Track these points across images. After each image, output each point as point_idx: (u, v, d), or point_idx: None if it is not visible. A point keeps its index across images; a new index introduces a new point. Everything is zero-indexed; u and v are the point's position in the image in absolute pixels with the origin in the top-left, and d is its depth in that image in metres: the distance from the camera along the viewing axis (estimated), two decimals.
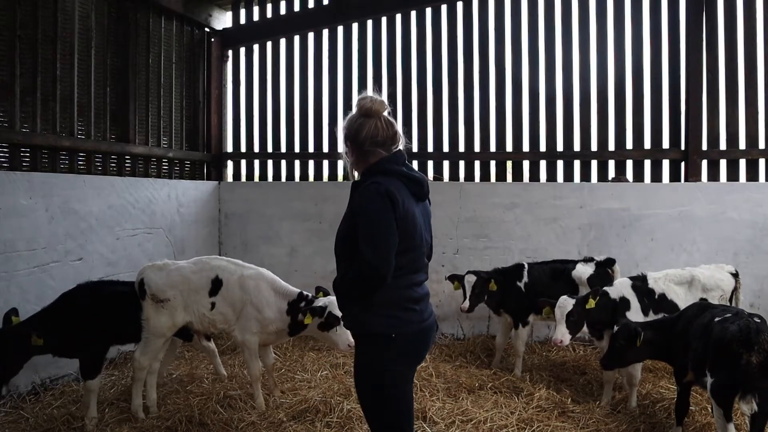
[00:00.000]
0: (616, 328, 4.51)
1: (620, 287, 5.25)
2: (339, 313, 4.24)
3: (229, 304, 4.87)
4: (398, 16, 8.07)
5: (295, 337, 6.91)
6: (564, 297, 5.05)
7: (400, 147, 2.99)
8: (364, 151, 2.94)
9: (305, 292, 4.93)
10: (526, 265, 6.11)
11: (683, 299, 5.21)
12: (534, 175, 7.70)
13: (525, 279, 5.99)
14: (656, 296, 5.25)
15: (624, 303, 5.13)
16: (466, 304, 5.83)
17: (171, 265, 4.93)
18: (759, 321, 3.86)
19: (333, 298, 4.67)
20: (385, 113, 2.98)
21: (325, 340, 4.90)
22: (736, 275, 5.56)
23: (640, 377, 5.14)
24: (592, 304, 4.94)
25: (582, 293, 5.87)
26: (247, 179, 8.48)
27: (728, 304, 5.29)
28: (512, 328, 6.03)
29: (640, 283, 5.30)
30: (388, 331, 2.80)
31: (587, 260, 6.11)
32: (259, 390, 4.94)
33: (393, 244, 2.74)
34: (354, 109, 3.02)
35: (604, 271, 5.95)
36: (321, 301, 4.80)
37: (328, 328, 4.72)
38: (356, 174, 3.08)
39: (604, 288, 5.24)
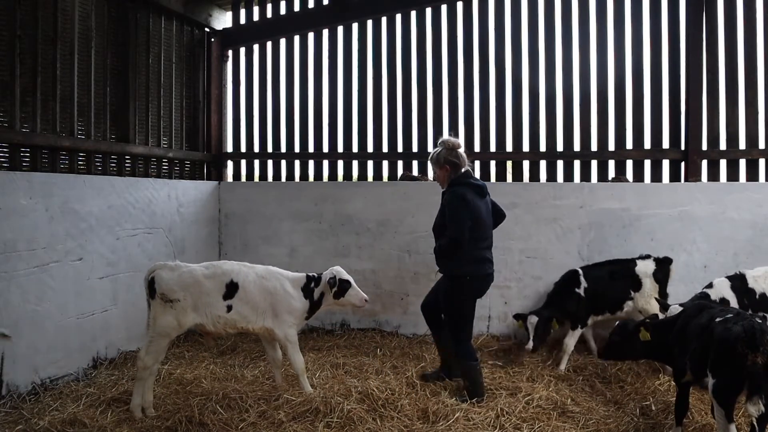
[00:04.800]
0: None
1: (719, 288, 5.25)
2: (347, 277, 5.27)
3: (248, 304, 5.03)
4: (398, 16, 8.07)
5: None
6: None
7: (468, 167, 5.15)
8: (454, 167, 5.10)
9: (309, 273, 5.34)
10: (581, 271, 6.28)
11: None
12: (534, 175, 7.70)
13: (584, 284, 6.18)
14: (757, 296, 5.25)
15: (724, 304, 5.11)
16: (530, 345, 6.05)
17: (183, 266, 4.99)
18: (761, 321, 3.85)
19: (336, 268, 5.35)
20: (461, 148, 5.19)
21: (342, 304, 5.38)
22: None
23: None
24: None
25: (646, 288, 6.11)
26: (247, 179, 8.48)
27: None
28: (570, 329, 6.22)
29: (739, 283, 5.31)
30: (464, 274, 4.97)
31: (645, 257, 6.32)
32: (306, 381, 5.19)
33: (466, 225, 4.86)
34: (441, 146, 5.17)
35: (667, 268, 6.20)
36: (327, 275, 5.28)
37: (343, 293, 5.24)
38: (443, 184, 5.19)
39: (703, 290, 5.26)
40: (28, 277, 5.18)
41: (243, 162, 8.53)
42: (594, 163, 7.56)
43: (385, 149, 8.09)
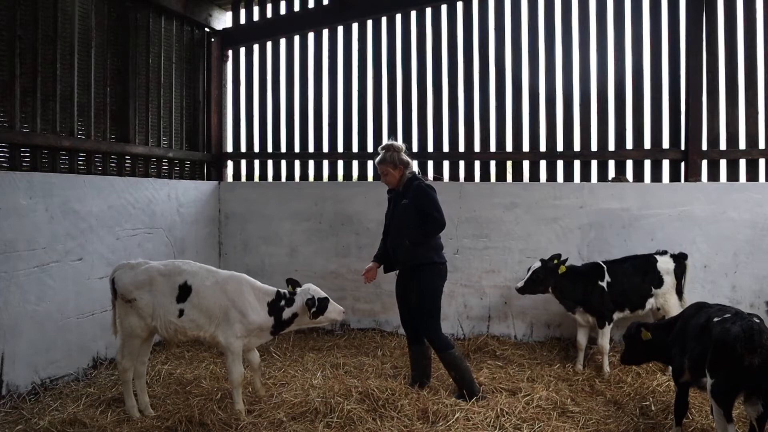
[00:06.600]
0: None
1: None
2: (324, 294, 4.94)
3: (202, 311, 4.71)
4: (398, 16, 8.07)
5: (294, 338, 6.97)
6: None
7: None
8: (406, 166, 5.39)
9: (281, 290, 4.95)
10: (604, 265, 6.19)
11: None
12: (534, 175, 7.69)
13: (607, 278, 6.08)
14: None
15: None
16: (520, 284, 6.05)
17: (143, 264, 4.80)
18: (759, 321, 3.85)
19: (309, 285, 4.98)
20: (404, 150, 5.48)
21: (320, 322, 5.03)
22: None
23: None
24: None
25: (667, 285, 6.11)
26: (247, 179, 8.48)
27: None
28: (596, 327, 6.09)
29: None
30: (438, 260, 5.27)
31: (662, 253, 6.30)
32: (240, 396, 4.81)
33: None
34: (391, 150, 5.36)
35: (683, 264, 6.23)
36: (303, 294, 4.89)
37: (323, 311, 4.88)
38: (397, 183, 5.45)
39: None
40: (28, 277, 5.19)
41: (243, 162, 8.53)
42: (594, 163, 7.55)
43: None
